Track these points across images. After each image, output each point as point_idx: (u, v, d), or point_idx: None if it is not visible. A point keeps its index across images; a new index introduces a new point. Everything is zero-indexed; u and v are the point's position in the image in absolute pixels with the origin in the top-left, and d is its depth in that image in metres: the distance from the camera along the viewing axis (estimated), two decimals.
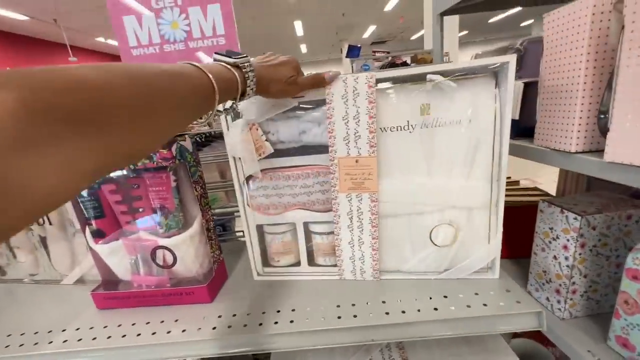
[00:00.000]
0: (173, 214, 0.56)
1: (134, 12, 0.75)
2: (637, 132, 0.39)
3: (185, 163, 0.55)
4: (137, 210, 0.57)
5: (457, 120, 0.52)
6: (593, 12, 0.43)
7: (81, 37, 7.22)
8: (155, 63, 0.31)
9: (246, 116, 0.53)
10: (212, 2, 0.74)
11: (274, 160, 0.57)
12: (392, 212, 0.57)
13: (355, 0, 6.61)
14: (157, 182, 0.54)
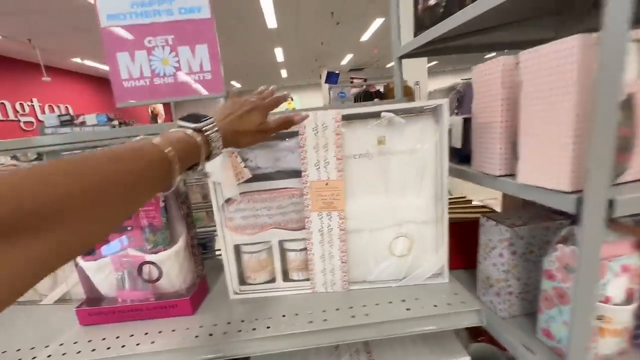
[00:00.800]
0: (160, 232, 0.61)
1: (127, 49, 0.83)
2: (536, 160, 0.51)
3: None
4: (126, 228, 0.62)
5: (407, 149, 0.63)
6: (502, 68, 0.56)
7: (56, 57, 7.12)
8: (107, 148, 0.31)
9: None
10: (200, 43, 0.84)
11: (252, 184, 0.65)
12: (357, 228, 0.65)
13: (333, 30, 7.04)
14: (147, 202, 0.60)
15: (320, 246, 0.65)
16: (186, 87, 0.85)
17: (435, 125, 0.62)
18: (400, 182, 0.63)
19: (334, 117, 0.60)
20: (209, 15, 0.83)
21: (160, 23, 0.82)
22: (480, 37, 0.82)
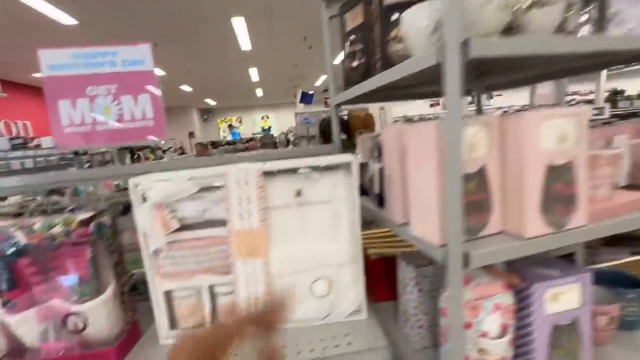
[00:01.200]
0: (87, 283, 0.64)
1: (69, 97, 0.86)
2: (419, 215, 0.60)
3: (103, 236, 0.65)
4: (53, 280, 0.64)
5: (323, 200, 0.70)
6: (397, 133, 0.66)
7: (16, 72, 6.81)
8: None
9: (153, 198, 0.66)
10: (142, 93, 0.89)
11: (181, 233, 0.69)
12: (279, 272, 0.71)
13: (306, 53, 7.28)
14: (74, 255, 0.63)
15: (246, 290, 0.70)
16: (128, 133, 0.89)
17: (347, 178, 0.70)
18: (318, 229, 0.70)
19: (256, 173, 0.67)
20: (151, 67, 0.89)
21: (102, 74, 0.86)
22: (403, 90, 0.93)
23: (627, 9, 0.62)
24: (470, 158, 0.54)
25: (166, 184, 0.66)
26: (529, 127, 0.52)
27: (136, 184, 0.65)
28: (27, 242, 0.60)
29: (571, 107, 0.55)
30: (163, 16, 4.88)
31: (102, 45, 0.85)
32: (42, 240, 0.60)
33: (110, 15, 4.66)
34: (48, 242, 0.61)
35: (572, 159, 0.55)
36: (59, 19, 4.51)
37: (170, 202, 0.66)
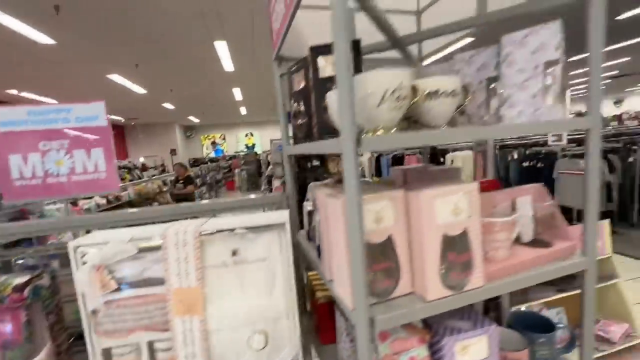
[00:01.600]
0: (19, 347, 0.65)
1: (20, 152, 0.89)
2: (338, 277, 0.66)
3: (39, 298, 0.67)
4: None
5: (259, 258, 0.75)
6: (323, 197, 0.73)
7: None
8: None
9: (92, 261, 0.69)
10: (95, 147, 0.93)
11: (119, 292, 0.72)
12: (217, 328, 0.75)
13: None
14: (7, 319, 0.64)
15: (184, 347, 0.73)
16: (80, 185, 0.92)
17: (282, 237, 0.76)
18: (254, 286, 0.75)
19: (194, 234, 0.72)
20: (105, 123, 0.93)
21: (56, 129, 0.90)
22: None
23: (516, 93, 0.72)
24: (379, 229, 0.61)
25: (106, 246, 0.69)
26: (426, 203, 0.60)
27: (76, 247, 0.68)
28: None
29: (462, 184, 0.64)
30: (145, 37, 4.94)
31: (81, 64, 0.88)
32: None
33: (89, 35, 4.68)
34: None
35: (466, 229, 0.63)
36: (35, 38, 4.49)
37: (110, 262, 0.70)
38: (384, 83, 0.54)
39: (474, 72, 0.83)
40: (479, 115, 0.84)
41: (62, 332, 0.72)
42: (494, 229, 0.69)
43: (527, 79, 0.71)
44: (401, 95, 0.56)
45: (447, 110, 0.65)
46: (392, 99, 0.55)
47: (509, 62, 0.73)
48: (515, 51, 0.72)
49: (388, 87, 0.54)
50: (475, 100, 0.84)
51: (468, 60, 0.84)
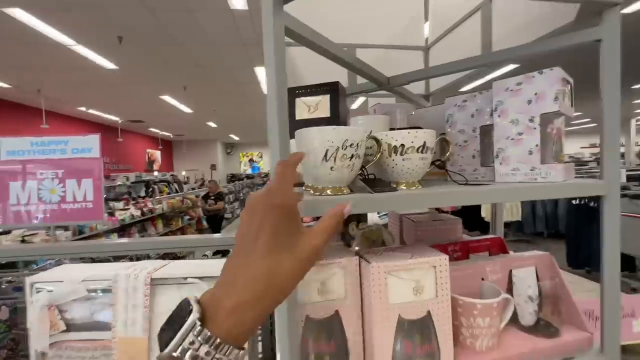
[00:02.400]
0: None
1: (20, 179, 0.95)
2: None
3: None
4: None
5: None
6: None
7: (61, 105, 7.62)
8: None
9: (42, 301, 0.69)
10: (86, 177, 0.96)
11: (69, 334, 0.71)
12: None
13: None
14: None
15: None
16: (69, 214, 0.95)
17: None
18: None
19: (144, 280, 0.69)
20: (97, 155, 0.97)
21: (54, 159, 0.96)
22: None
23: (510, 148, 0.61)
24: (324, 302, 0.53)
25: (59, 285, 0.69)
26: (377, 278, 0.51)
27: (32, 283, 0.69)
28: None
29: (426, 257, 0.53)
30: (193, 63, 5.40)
31: (138, 86, 0.93)
32: None
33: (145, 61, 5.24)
34: None
35: (429, 313, 0.52)
36: (102, 64, 5.13)
37: (60, 303, 0.69)
38: (326, 140, 0.47)
39: (468, 119, 0.74)
40: (471, 169, 0.73)
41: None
42: (474, 311, 0.56)
43: (522, 132, 0.60)
44: (353, 154, 0.49)
45: (417, 166, 0.56)
46: (339, 156, 0.48)
47: (501, 111, 0.63)
48: (507, 100, 0.62)
49: (331, 145, 0.48)
50: (466, 150, 0.74)
51: (461, 105, 0.74)
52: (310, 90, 0.78)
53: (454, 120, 0.75)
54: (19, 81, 5.89)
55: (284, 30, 0.46)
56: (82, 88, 6.40)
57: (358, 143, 0.49)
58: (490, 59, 0.83)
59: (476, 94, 0.72)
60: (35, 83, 6.01)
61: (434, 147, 0.58)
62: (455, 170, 0.75)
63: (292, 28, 0.48)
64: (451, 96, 0.76)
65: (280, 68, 0.46)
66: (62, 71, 5.46)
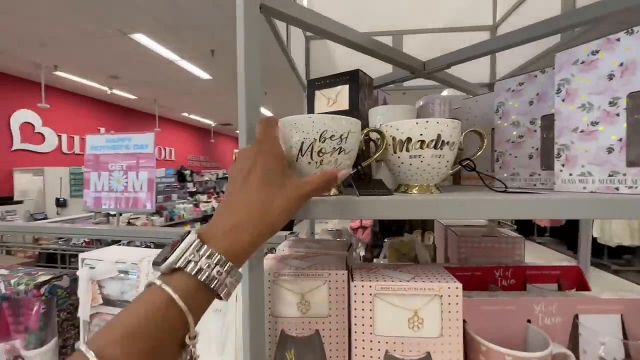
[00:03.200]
0: (34, 333, 0.79)
1: (98, 170, 1.13)
2: None
3: (54, 297, 0.81)
4: (19, 323, 0.82)
5: (218, 307, 0.69)
6: None
7: (169, 111, 9.12)
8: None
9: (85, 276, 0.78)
10: (142, 170, 1.09)
11: (105, 307, 0.79)
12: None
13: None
14: (29, 308, 0.80)
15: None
16: (128, 201, 1.09)
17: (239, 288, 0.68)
18: (208, 336, 0.69)
19: None
20: (152, 151, 1.08)
21: (120, 154, 1.11)
22: None
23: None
24: (303, 318, 0.46)
25: (99, 264, 0.78)
26: (360, 300, 0.41)
27: (83, 259, 0.80)
28: (5, 292, 0.80)
29: (430, 281, 0.41)
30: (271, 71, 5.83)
31: (228, 92, 1.09)
32: (12, 293, 0.80)
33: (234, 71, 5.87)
34: (14, 295, 0.80)
35: (429, 355, 0.40)
36: (199, 75, 5.95)
37: (100, 279, 0.78)
38: (300, 132, 0.40)
39: (524, 107, 0.56)
40: (527, 173, 0.56)
41: (72, 329, 0.84)
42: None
43: (598, 122, 0.42)
44: (336, 147, 0.41)
45: (430, 166, 0.44)
46: (315, 150, 0.41)
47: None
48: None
49: (306, 137, 0.40)
50: (522, 148, 0.56)
51: (515, 89, 0.57)
52: (329, 81, 0.71)
53: (505, 109, 0.59)
54: (141, 93, 7.27)
55: (259, 9, 0.41)
56: (184, 96, 7.54)
57: (342, 135, 0.41)
58: (574, 20, 0.61)
59: (537, 73, 0.55)
60: (152, 94, 7.33)
61: (456, 142, 0.45)
62: (507, 175, 0.59)
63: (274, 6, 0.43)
64: (503, 79, 0.59)
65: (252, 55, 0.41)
66: (170, 83, 6.52)
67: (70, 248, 1.07)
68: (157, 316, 0.24)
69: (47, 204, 5.28)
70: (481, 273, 0.64)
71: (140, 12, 3.74)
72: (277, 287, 0.47)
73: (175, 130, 10.20)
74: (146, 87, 6.81)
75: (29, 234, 1.16)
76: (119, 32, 4.24)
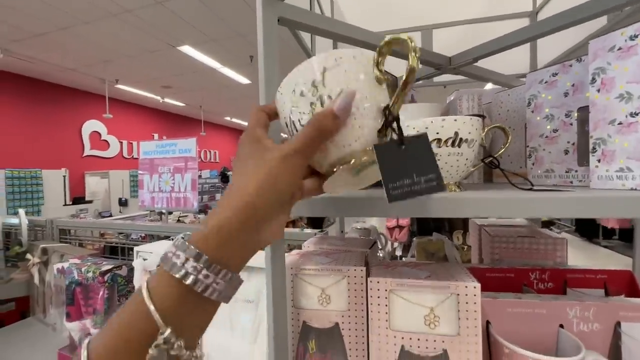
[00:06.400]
0: (100, 314, 0.92)
1: (150, 173, 1.26)
2: None
3: (115, 284, 0.93)
4: (89, 306, 0.95)
5: (250, 298, 0.74)
6: None
7: (214, 116, 9.70)
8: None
9: (138, 266, 0.88)
10: (186, 172, 1.19)
11: None
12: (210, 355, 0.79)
13: None
14: (96, 293, 0.92)
15: None
16: (174, 201, 1.21)
17: None
18: (241, 327, 0.75)
19: None
20: (194, 154, 1.18)
21: (167, 158, 1.23)
22: None
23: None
24: (323, 311, 0.48)
25: (150, 256, 0.88)
26: (376, 295, 0.43)
27: (137, 251, 0.90)
28: (77, 278, 0.94)
29: (447, 280, 0.41)
30: None
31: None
32: (83, 279, 0.93)
33: None
34: (84, 281, 0.93)
35: (446, 352, 0.40)
36: (239, 80, 6.25)
37: (151, 269, 0.88)
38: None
39: (559, 99, 0.53)
40: (563, 170, 0.52)
41: None
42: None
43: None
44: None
45: (448, 164, 0.44)
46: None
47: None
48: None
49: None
50: (556, 143, 0.53)
51: (549, 80, 0.54)
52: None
53: (538, 102, 0.55)
54: (189, 100, 7.83)
55: (277, 22, 0.44)
56: (226, 101, 7.97)
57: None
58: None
59: (572, 62, 0.51)
60: (198, 101, 7.86)
61: (476, 139, 0.45)
62: (540, 172, 0.55)
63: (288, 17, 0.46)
64: (535, 70, 0.56)
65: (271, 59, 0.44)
66: (214, 89, 6.94)
67: (129, 242, 1.21)
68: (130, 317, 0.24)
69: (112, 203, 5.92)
70: (514, 275, 0.62)
71: (186, 25, 4.04)
72: (299, 280, 0.50)
73: (219, 134, 10.81)
74: (193, 95, 7.32)
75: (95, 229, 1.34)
76: (168, 45, 4.62)
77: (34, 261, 1.20)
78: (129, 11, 3.67)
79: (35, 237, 1.46)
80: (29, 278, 1.25)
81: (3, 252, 1.42)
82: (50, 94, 5.95)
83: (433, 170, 0.29)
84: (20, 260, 1.34)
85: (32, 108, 5.65)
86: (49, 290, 1.18)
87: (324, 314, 0.48)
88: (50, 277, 1.15)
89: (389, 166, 0.29)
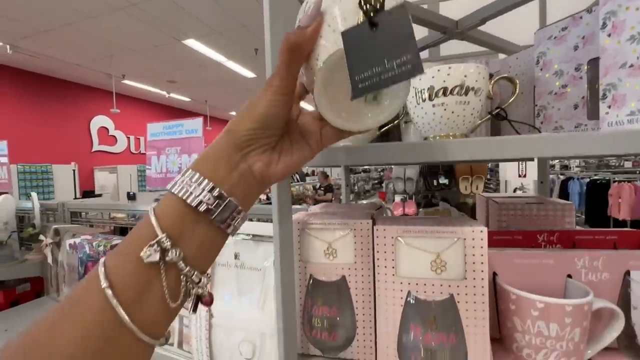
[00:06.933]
0: None
1: (158, 154, 1.28)
2: None
3: None
4: None
5: (258, 267, 0.75)
6: None
7: (219, 111, 9.73)
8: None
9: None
10: (193, 153, 1.20)
11: None
12: (219, 323, 0.80)
13: None
14: None
15: (196, 329, 0.83)
16: None
17: None
18: (249, 293, 0.76)
19: None
20: (201, 135, 1.19)
21: (174, 139, 1.24)
22: None
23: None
24: (331, 264, 0.49)
25: None
26: (382, 242, 0.43)
27: None
28: (89, 252, 0.96)
29: (453, 225, 0.41)
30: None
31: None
32: (94, 253, 0.95)
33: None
34: (96, 255, 0.95)
35: (452, 297, 0.40)
36: (244, 74, 6.26)
37: None
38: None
39: (568, 53, 0.52)
40: (572, 125, 0.51)
41: None
42: (532, 311, 0.40)
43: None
44: None
45: (454, 114, 0.44)
46: None
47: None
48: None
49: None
50: (565, 99, 0.52)
51: (558, 35, 0.53)
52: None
53: (546, 59, 0.55)
54: (194, 95, 7.87)
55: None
56: (231, 95, 7.99)
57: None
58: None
59: (582, 13, 0.50)
60: (203, 95, 7.90)
61: (483, 89, 0.44)
62: (549, 130, 0.55)
63: None
64: (543, 27, 0.55)
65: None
66: (219, 84, 6.96)
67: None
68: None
69: (120, 198, 6.02)
70: (522, 237, 0.61)
71: (190, 17, 4.05)
72: (305, 235, 0.50)
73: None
74: (198, 89, 7.35)
75: (105, 210, 1.36)
76: (173, 38, 4.64)
77: (47, 242, 1.23)
78: (133, 4, 3.69)
79: (47, 220, 1.49)
80: (43, 259, 1.28)
81: (17, 234, 1.45)
82: (59, 90, 6.03)
83: (409, 50, 0.23)
84: (33, 241, 1.38)
85: (42, 104, 5.74)
86: (62, 270, 1.21)
87: (330, 267, 0.49)
88: (63, 257, 1.18)
89: (358, 54, 0.24)
